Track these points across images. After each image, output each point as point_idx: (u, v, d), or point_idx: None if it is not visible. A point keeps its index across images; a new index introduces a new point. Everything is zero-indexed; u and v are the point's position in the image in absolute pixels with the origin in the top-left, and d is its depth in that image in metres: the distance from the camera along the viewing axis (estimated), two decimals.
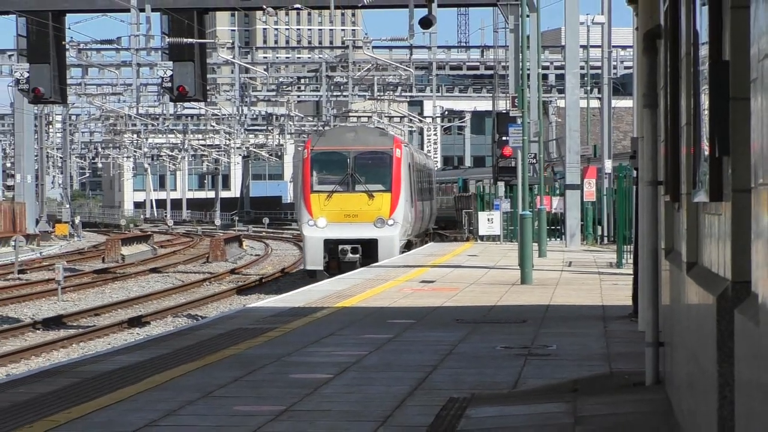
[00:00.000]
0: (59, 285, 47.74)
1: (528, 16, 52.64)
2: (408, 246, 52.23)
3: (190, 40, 63.61)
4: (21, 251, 60.42)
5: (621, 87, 76.09)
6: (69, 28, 64.54)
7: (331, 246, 44.94)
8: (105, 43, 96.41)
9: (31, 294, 47.56)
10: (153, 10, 62.85)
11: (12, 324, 36.91)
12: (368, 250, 44.71)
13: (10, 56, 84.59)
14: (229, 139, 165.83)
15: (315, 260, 44.66)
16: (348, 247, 44.36)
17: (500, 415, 14.44)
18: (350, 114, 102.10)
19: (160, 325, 36.71)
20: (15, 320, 38.18)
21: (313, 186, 45.37)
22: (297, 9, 74.91)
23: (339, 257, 45.38)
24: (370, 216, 44.76)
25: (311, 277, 46.14)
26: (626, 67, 71.79)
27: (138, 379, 17.31)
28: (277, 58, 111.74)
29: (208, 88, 72.55)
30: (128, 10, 61.93)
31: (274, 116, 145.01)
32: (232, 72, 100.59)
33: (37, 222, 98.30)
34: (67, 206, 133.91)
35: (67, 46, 64.25)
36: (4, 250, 67.33)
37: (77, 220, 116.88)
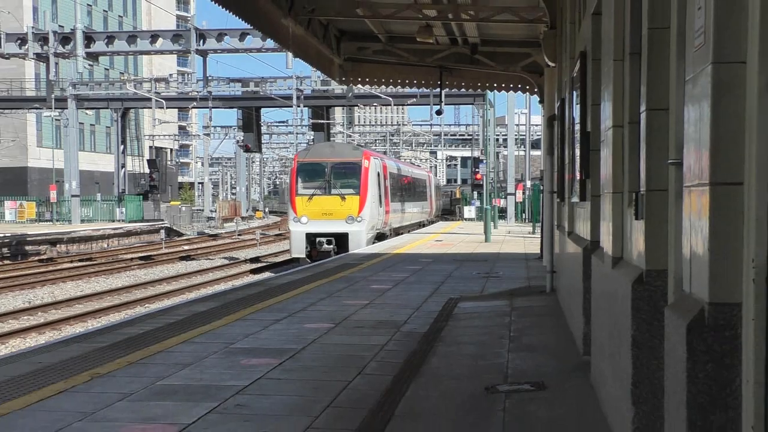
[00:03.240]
0: (257, 241, 47.81)
1: (489, 109, 52.42)
2: (381, 237, 38.43)
3: (322, 121, 63.65)
4: (239, 224, 60.36)
5: (535, 144, 75.73)
6: (263, 114, 64.76)
7: (311, 238, 34.04)
8: (281, 122, 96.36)
9: (244, 245, 47.35)
10: (304, 106, 62.87)
11: (235, 260, 36.87)
12: (341, 242, 33.86)
13: (233, 128, 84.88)
14: None
15: (299, 250, 33.99)
16: (324, 239, 33.81)
17: (474, 306, 14.41)
18: (400, 158, 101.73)
19: (307, 261, 36.63)
20: (236, 258, 38.09)
21: (298, 190, 34.34)
22: (375, 105, 74.49)
23: (317, 247, 34.34)
24: (342, 214, 33.58)
25: (297, 262, 34.31)
26: (537, 135, 71.51)
27: (296, 287, 17.37)
28: (364, 129, 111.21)
29: None
30: (291, 106, 61.90)
31: None
32: (342, 137, 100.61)
33: (246, 210, 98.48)
34: (261, 203, 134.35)
35: (262, 124, 64.16)
36: (231, 224, 67.34)
37: (267, 209, 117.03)
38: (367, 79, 23.38)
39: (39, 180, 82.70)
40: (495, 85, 24.30)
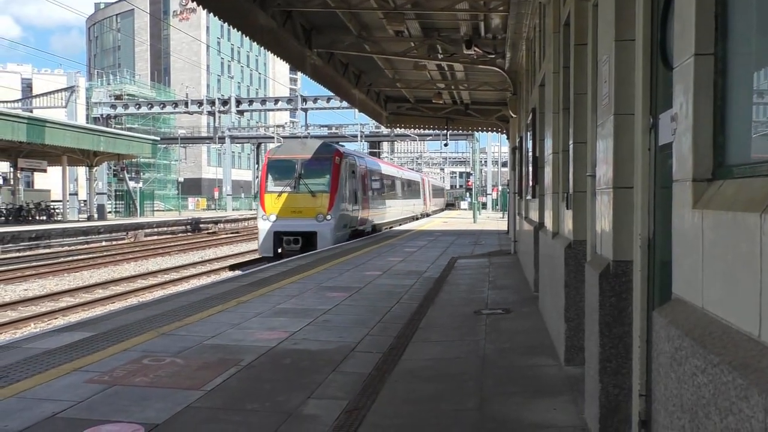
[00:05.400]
0: None
1: (476, 143, 51.91)
2: (359, 234, 23.85)
3: (376, 150, 63.26)
4: None
5: (503, 164, 74.99)
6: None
7: (280, 237, 20.60)
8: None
9: None
10: (365, 140, 62.42)
11: None
12: (309, 240, 20.53)
13: None
14: None
15: (266, 249, 20.53)
16: (291, 238, 20.50)
17: (467, 262, 14.32)
18: (421, 171, 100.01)
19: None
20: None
21: (268, 187, 21.25)
22: (407, 140, 73.71)
23: (285, 246, 20.58)
24: (312, 212, 20.76)
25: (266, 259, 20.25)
26: (505, 158, 70.88)
27: (360, 250, 17.30)
28: (400, 155, 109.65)
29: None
30: (357, 141, 61.52)
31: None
32: (386, 156, 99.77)
33: None
34: None
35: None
36: None
37: None
38: (403, 125, 23.35)
39: (208, 185, 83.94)
40: (480, 128, 24.40)
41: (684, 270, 2.18)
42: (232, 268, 19.16)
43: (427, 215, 46.09)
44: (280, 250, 19.88)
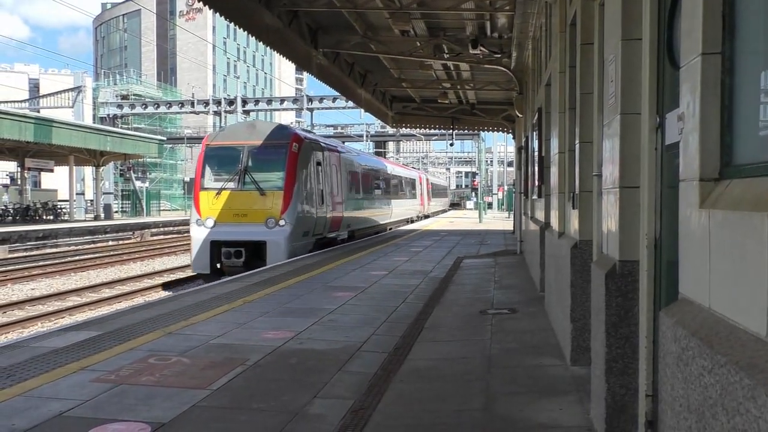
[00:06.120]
0: None
1: (482, 142, 51.81)
2: (329, 243, 18.19)
3: (381, 150, 63.25)
4: None
5: (509, 164, 74.55)
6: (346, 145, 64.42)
7: (219, 248, 14.42)
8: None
9: None
10: (370, 140, 62.40)
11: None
12: (257, 252, 14.44)
13: None
14: None
15: (202, 264, 14.48)
16: (232, 250, 14.25)
17: (473, 262, 14.28)
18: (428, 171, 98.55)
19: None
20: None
21: (204, 183, 14.79)
22: (413, 140, 73.57)
23: (225, 260, 14.38)
24: (260, 216, 14.39)
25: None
26: (510, 158, 70.42)
27: (365, 249, 17.25)
28: (406, 154, 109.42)
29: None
30: (362, 141, 61.50)
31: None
32: (392, 156, 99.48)
33: None
34: None
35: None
36: None
37: None
38: (408, 125, 23.39)
39: None
40: (485, 128, 24.38)
41: (691, 270, 2.17)
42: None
43: (426, 217, 41.37)
44: (219, 266, 15.10)
